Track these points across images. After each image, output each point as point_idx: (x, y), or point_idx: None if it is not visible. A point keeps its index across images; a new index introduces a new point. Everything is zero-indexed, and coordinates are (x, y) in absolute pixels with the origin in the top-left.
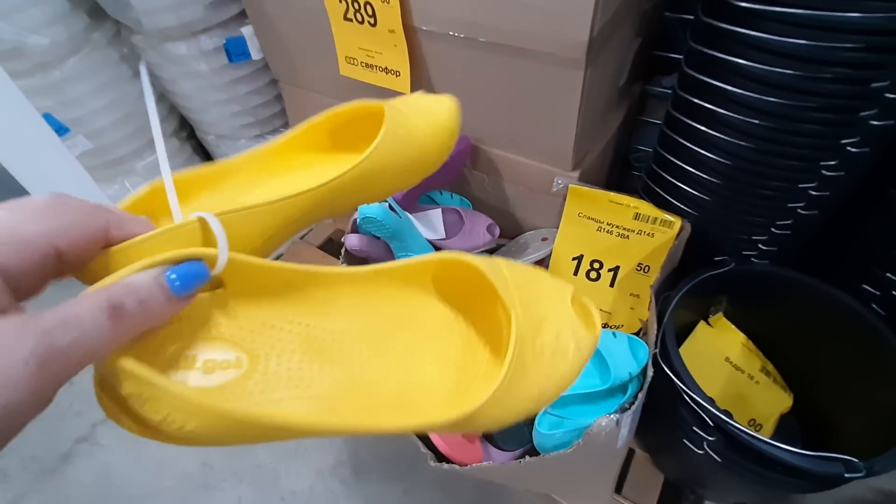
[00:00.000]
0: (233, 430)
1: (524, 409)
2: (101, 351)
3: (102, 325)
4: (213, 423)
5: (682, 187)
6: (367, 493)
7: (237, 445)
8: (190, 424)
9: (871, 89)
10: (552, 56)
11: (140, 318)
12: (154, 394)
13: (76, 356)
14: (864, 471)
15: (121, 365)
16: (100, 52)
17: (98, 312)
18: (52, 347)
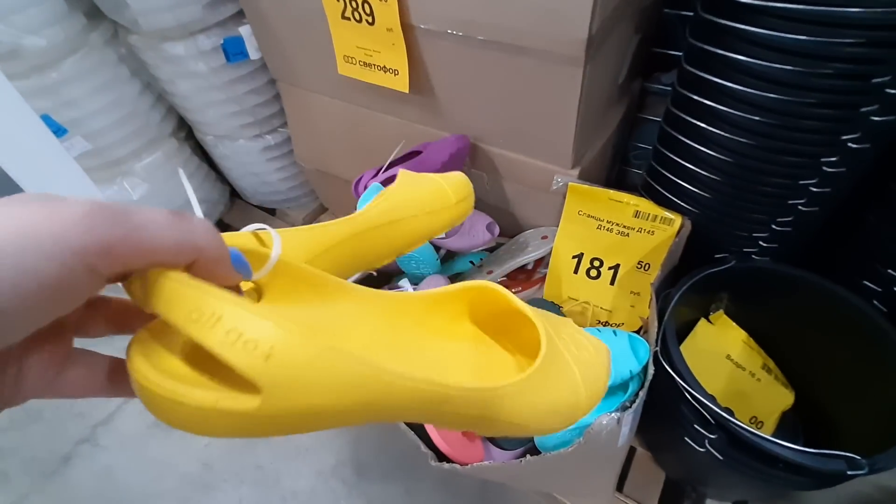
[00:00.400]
0: (308, 356)
1: (572, 389)
2: (162, 242)
3: (166, 217)
4: (288, 341)
5: (683, 184)
6: (369, 493)
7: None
8: (266, 344)
9: (871, 85)
10: (551, 53)
11: (200, 234)
12: (226, 310)
13: (138, 237)
14: (866, 468)
15: (191, 284)
16: (97, 52)
17: (161, 211)
18: (110, 210)
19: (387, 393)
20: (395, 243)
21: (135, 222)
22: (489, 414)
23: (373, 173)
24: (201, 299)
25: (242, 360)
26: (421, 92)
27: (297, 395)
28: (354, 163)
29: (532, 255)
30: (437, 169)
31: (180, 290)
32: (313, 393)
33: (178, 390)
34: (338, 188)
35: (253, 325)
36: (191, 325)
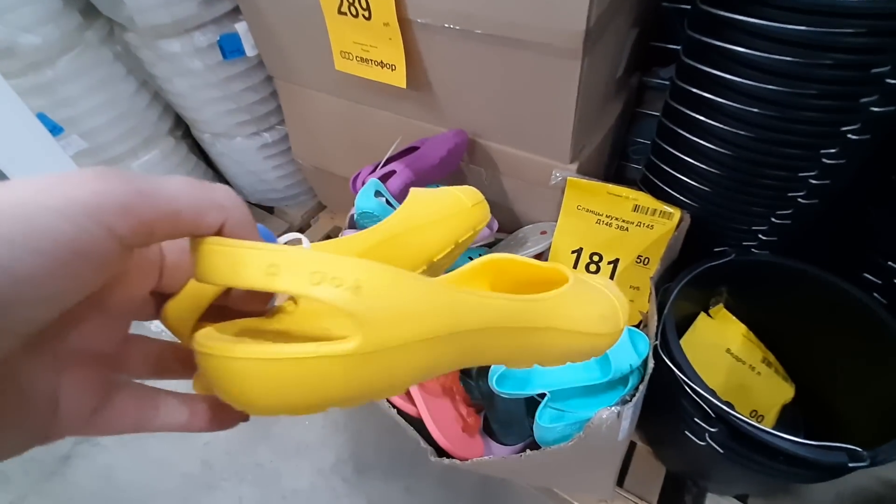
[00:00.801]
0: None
1: (607, 300)
2: (182, 200)
3: (182, 178)
4: (374, 271)
5: (682, 178)
6: (369, 491)
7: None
8: (350, 277)
9: (871, 75)
10: (549, 47)
11: (221, 195)
12: (307, 256)
13: (155, 194)
14: (868, 460)
15: (263, 246)
16: (93, 50)
17: (179, 179)
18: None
19: (468, 312)
20: (420, 252)
21: (151, 183)
22: (551, 324)
23: (370, 169)
24: (271, 253)
25: (336, 297)
26: (418, 87)
27: (390, 324)
28: (352, 160)
29: (531, 251)
30: (436, 164)
31: (243, 251)
32: (404, 320)
33: (273, 349)
34: (336, 186)
35: (333, 264)
36: (271, 279)
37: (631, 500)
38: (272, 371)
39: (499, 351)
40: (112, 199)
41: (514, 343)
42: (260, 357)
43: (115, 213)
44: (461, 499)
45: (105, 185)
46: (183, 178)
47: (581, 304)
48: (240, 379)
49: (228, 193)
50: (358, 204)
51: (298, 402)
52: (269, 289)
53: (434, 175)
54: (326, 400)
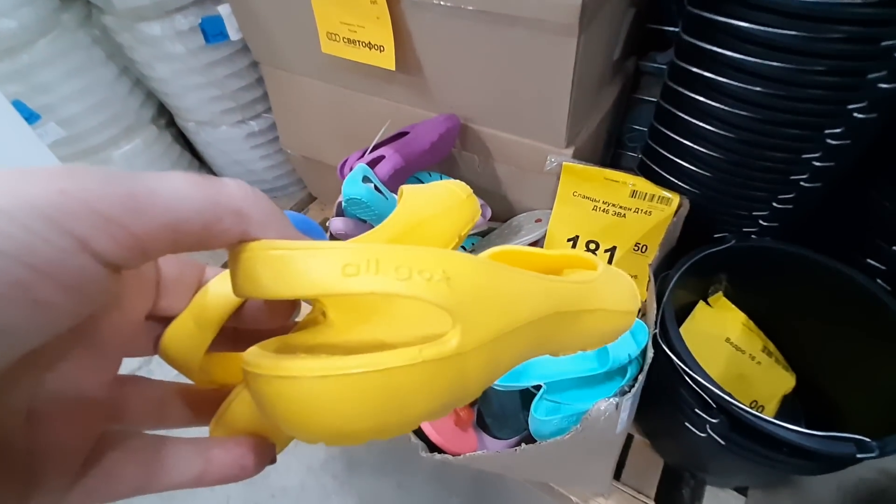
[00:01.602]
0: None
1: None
2: (183, 206)
3: (185, 177)
4: (459, 261)
5: (680, 163)
6: (360, 488)
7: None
8: (438, 269)
9: (880, 49)
10: (544, 23)
11: (236, 196)
12: (382, 252)
13: (146, 200)
14: (877, 450)
15: (333, 246)
16: (70, 34)
17: (182, 176)
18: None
19: (543, 297)
20: (429, 245)
21: (146, 185)
22: (600, 305)
23: (358, 155)
24: (342, 251)
25: (431, 291)
26: (408, 70)
27: (486, 315)
28: (341, 148)
29: (526, 239)
30: (426, 149)
31: (307, 252)
32: (497, 309)
33: (366, 360)
34: (325, 175)
35: (418, 255)
36: (351, 280)
37: (628, 493)
38: (367, 386)
39: (560, 337)
40: (85, 204)
41: (570, 327)
42: (358, 372)
43: (90, 222)
44: (454, 494)
45: (77, 183)
46: (185, 176)
47: (616, 284)
48: (324, 402)
49: (244, 191)
50: (345, 190)
51: (389, 420)
52: (348, 292)
53: (425, 161)
54: (419, 414)
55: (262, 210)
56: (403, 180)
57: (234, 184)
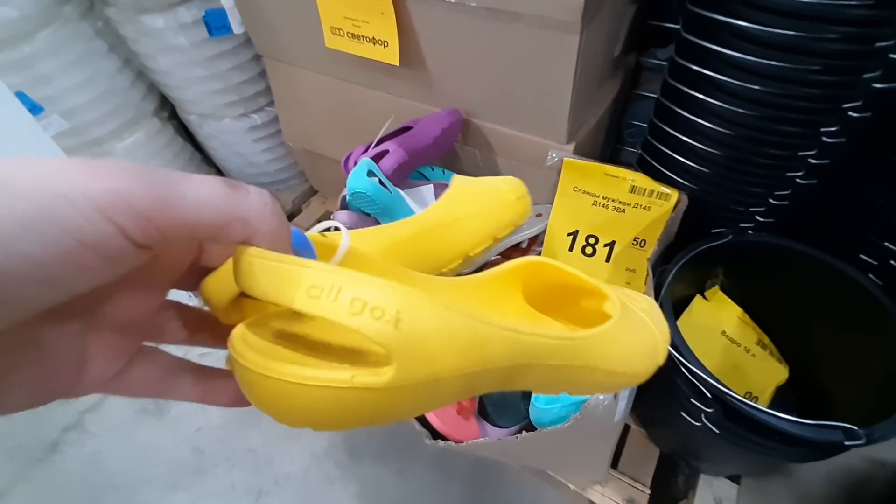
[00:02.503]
0: (435, 319)
1: (650, 338)
2: (205, 215)
3: (214, 187)
4: (413, 304)
5: (679, 158)
6: (362, 475)
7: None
8: (392, 309)
9: (875, 49)
10: (546, 19)
11: (255, 208)
12: (346, 281)
13: (176, 205)
14: (864, 438)
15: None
16: (72, 25)
17: (215, 180)
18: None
19: (503, 349)
20: (458, 244)
21: (176, 190)
22: (590, 363)
23: (362, 150)
24: (315, 274)
25: (374, 329)
26: (411, 65)
27: (426, 361)
28: (344, 142)
29: (526, 233)
30: (429, 144)
31: (286, 268)
32: (440, 356)
33: (308, 373)
34: (327, 169)
35: (376, 292)
36: (311, 301)
37: (624, 481)
38: (304, 394)
39: (532, 383)
40: (127, 202)
41: (548, 377)
42: (295, 381)
43: (128, 216)
44: (455, 481)
45: (125, 183)
46: (214, 184)
47: (624, 342)
48: (272, 397)
49: (263, 209)
50: (350, 184)
51: (326, 422)
52: (308, 312)
53: (428, 155)
54: (353, 423)
55: (268, 224)
56: (407, 174)
57: (254, 197)
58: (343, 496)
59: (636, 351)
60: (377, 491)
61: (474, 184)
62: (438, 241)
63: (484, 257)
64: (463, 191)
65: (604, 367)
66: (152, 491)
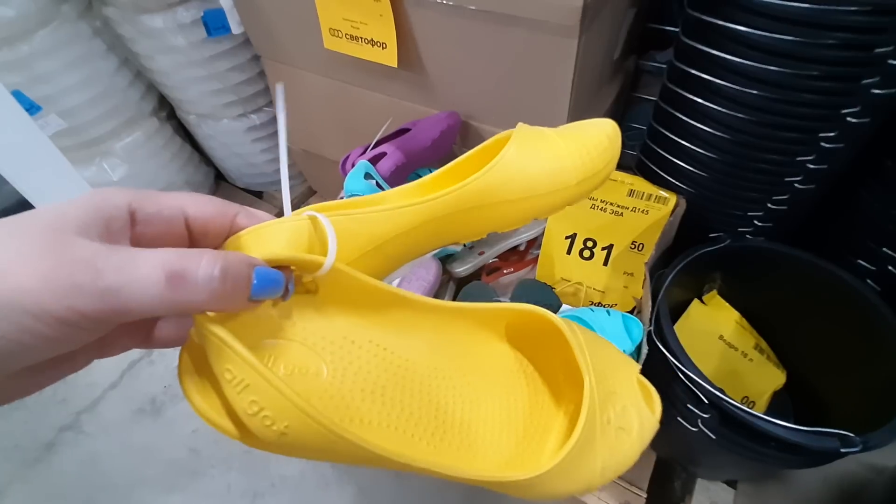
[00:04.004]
0: (319, 440)
1: (585, 484)
2: (148, 308)
3: (157, 284)
4: (304, 426)
5: (678, 163)
6: (359, 477)
7: (317, 460)
8: (282, 423)
9: (874, 55)
10: (545, 24)
11: (200, 295)
12: (254, 381)
13: (123, 299)
14: (860, 445)
15: (230, 345)
16: (70, 25)
17: (157, 270)
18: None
19: (399, 466)
20: (486, 224)
21: (122, 300)
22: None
23: (360, 151)
24: (235, 362)
25: (259, 431)
26: (410, 67)
27: (301, 455)
28: (342, 142)
29: (524, 236)
30: (428, 146)
31: (219, 345)
32: (314, 455)
33: (218, 421)
34: (325, 169)
35: (274, 403)
36: (223, 381)
37: (621, 485)
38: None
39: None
40: (83, 315)
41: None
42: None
43: (83, 323)
44: (452, 486)
45: (80, 302)
46: (159, 286)
47: (525, 167)
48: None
49: (205, 296)
50: (347, 186)
51: None
52: (221, 386)
53: (426, 158)
54: None
55: (216, 306)
56: (405, 177)
57: (203, 286)
58: (340, 499)
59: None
60: (374, 494)
61: (536, 155)
62: (464, 223)
63: (483, 258)
64: (516, 166)
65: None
66: (148, 492)
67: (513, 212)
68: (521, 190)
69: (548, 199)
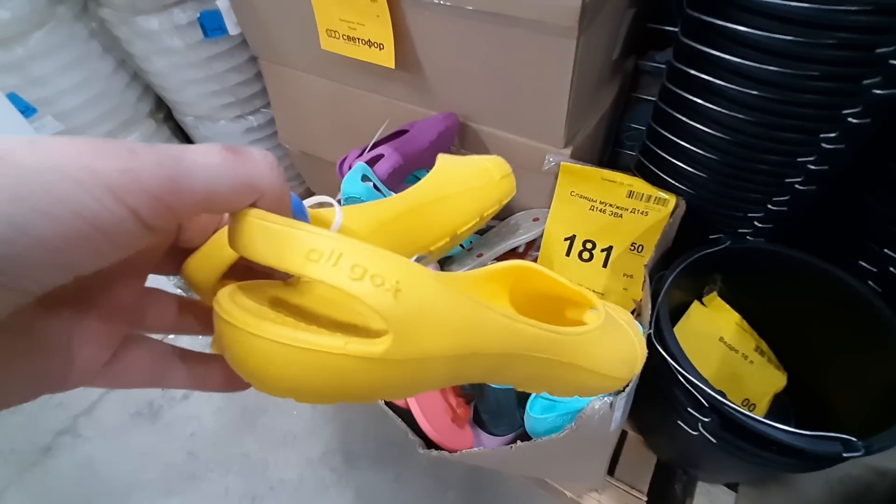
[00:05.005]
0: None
1: (629, 349)
2: (216, 188)
3: (220, 157)
4: (413, 275)
5: (678, 164)
6: (358, 481)
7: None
8: (392, 278)
9: (875, 55)
10: (543, 24)
11: (260, 168)
12: (345, 246)
13: (185, 165)
14: (862, 450)
15: (306, 228)
16: (66, 26)
17: (212, 146)
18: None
19: (497, 335)
20: (447, 222)
21: (184, 166)
22: (576, 361)
23: (358, 153)
24: (315, 239)
25: (373, 296)
26: (407, 68)
27: (423, 336)
28: (340, 144)
29: (523, 238)
30: (425, 148)
31: (287, 231)
32: (436, 333)
33: (301, 337)
34: (323, 171)
35: (377, 261)
36: (310, 265)
37: (621, 488)
38: (294, 358)
39: (517, 376)
40: (140, 184)
41: (534, 371)
42: (285, 342)
43: (140, 198)
44: (450, 488)
45: (136, 164)
46: (221, 157)
47: (607, 345)
48: (259, 358)
49: (271, 173)
50: (344, 188)
51: (311, 391)
52: (306, 275)
53: (424, 159)
54: (341, 394)
55: (274, 186)
56: (402, 179)
57: (259, 159)
58: (338, 503)
59: (618, 356)
60: (372, 497)
61: (460, 162)
62: (425, 220)
63: (482, 260)
64: (448, 169)
65: (588, 366)
66: (146, 496)
67: (459, 206)
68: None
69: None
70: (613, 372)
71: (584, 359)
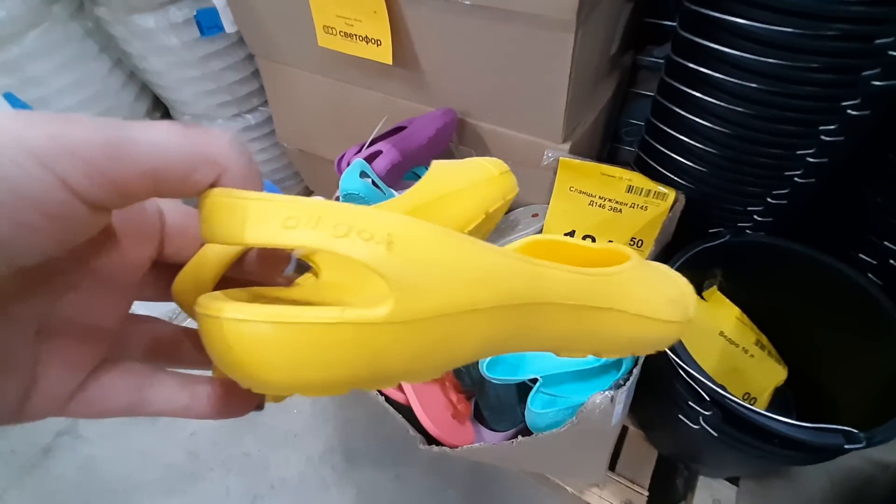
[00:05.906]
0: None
1: (675, 287)
2: (164, 156)
3: (170, 127)
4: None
5: (676, 158)
6: (359, 479)
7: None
8: (383, 231)
9: (874, 46)
10: (541, 18)
11: (219, 146)
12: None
13: (128, 132)
14: (864, 441)
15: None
16: (61, 26)
17: (165, 123)
18: (92, 119)
19: (517, 280)
20: (450, 220)
21: (126, 133)
22: (615, 305)
23: (356, 150)
24: (290, 204)
25: (362, 251)
26: (405, 64)
27: (429, 289)
28: (338, 141)
29: (522, 234)
30: (423, 144)
31: (254, 202)
32: (445, 284)
33: (290, 312)
34: (322, 169)
35: (362, 216)
36: (288, 232)
37: (623, 483)
38: (287, 337)
39: (553, 333)
40: (69, 148)
41: (571, 324)
42: (273, 320)
43: (71, 164)
44: (452, 485)
45: (67, 129)
46: (170, 126)
47: (648, 286)
48: (247, 345)
49: (225, 144)
50: (343, 185)
51: (315, 378)
52: (286, 244)
53: (422, 156)
54: (348, 377)
55: (237, 162)
56: (400, 175)
57: (220, 134)
58: (339, 501)
59: (663, 295)
60: (373, 496)
61: (456, 163)
62: (428, 220)
63: None
64: (445, 171)
65: (631, 310)
66: (147, 496)
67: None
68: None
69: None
70: (662, 314)
71: (624, 301)
